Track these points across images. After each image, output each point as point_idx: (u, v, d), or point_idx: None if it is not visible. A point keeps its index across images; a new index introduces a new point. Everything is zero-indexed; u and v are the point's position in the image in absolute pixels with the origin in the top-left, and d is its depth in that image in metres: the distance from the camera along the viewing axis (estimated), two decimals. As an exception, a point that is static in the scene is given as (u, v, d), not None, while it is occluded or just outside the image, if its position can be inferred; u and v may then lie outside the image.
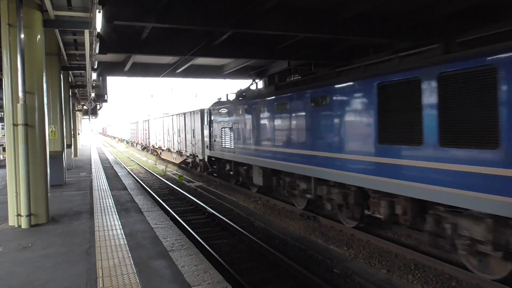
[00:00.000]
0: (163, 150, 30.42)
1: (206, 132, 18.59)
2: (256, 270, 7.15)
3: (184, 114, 23.41)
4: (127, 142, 57.74)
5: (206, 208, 11.81)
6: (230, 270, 6.79)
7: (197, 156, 20.91)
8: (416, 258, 7.37)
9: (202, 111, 19.91)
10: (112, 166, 20.33)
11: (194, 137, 21.12)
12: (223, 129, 16.15)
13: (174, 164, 27.11)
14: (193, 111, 21.58)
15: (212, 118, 17.68)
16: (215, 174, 18.54)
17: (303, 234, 9.33)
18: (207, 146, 18.30)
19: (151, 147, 36.23)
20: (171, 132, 27.05)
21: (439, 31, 12.90)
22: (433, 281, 6.47)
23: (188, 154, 22.73)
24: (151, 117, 39.87)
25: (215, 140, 17.20)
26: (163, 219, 7.95)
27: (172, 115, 27.03)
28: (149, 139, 37.41)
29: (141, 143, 42.74)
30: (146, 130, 38.54)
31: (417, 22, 13.12)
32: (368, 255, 7.75)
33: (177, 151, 25.36)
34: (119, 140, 71.93)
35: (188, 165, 23.65)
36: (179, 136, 24.47)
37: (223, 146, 16.10)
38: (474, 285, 6.25)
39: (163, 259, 5.44)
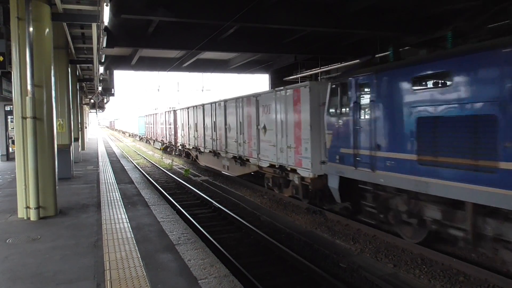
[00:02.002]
0: (201, 152, 20.97)
1: (338, 129, 9.25)
2: (262, 264, 7.17)
3: (257, 97, 13.82)
4: (140, 138, 50.06)
5: (212, 202, 11.85)
6: (237, 264, 6.81)
7: (293, 171, 11.55)
8: (423, 253, 7.34)
9: (311, 88, 10.50)
10: (119, 160, 20.45)
11: (284, 136, 11.81)
12: (416, 120, 7.11)
13: (224, 175, 18.45)
14: (290, 89, 11.57)
15: (361, 100, 8.57)
16: (364, 219, 9.26)
17: (309, 228, 9.33)
18: (340, 157, 9.10)
19: (179, 147, 26.94)
20: (221, 126, 17.52)
21: (447, 24, 12.76)
22: (440, 276, 6.44)
23: (265, 165, 13.30)
24: (179, 106, 30.48)
25: (378, 147, 7.93)
26: (170, 213, 7.99)
27: (225, 101, 17.16)
28: (175, 135, 27.48)
29: (162, 140, 32.82)
30: (170, 124, 28.73)
31: (426, 15, 13.00)
32: (375, 249, 7.73)
33: (234, 157, 16.10)
34: (129, 135, 64.06)
35: (266, 183, 13.73)
36: (241, 133, 15.15)
37: (417, 159, 7.08)
38: (482, 280, 6.22)
39: (170, 252, 5.47)
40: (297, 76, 20.41)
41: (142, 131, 47.24)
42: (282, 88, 12.13)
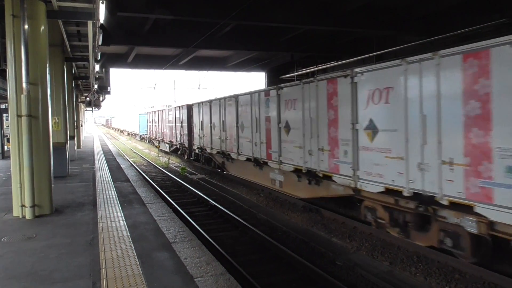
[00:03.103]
0: (231, 159, 15.84)
1: None
2: (259, 262, 7.18)
3: (353, 76, 8.43)
4: (142, 138, 45.14)
5: (208, 201, 11.84)
6: (233, 262, 6.82)
7: (455, 207, 6.50)
8: (419, 251, 7.36)
9: None
10: (115, 158, 20.42)
11: (433, 142, 6.71)
12: None
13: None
14: (456, 54, 6.33)
15: None
16: None
17: (305, 226, 9.35)
18: None
19: (195, 150, 21.50)
20: (270, 125, 12.15)
21: (444, 23, 12.81)
22: (436, 274, 6.47)
23: (372, 190, 8.14)
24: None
25: None
26: (166, 211, 7.98)
27: (279, 88, 11.62)
28: (190, 136, 22.44)
29: (170, 141, 27.92)
30: (182, 123, 23.62)
31: (422, 14, 13.03)
32: (371, 247, 7.76)
33: (297, 170, 10.85)
34: (128, 134, 58.87)
35: (370, 216, 8.62)
36: (314, 136, 9.91)
37: None
38: (477, 277, 6.25)
39: (166, 250, 5.47)
40: (294, 74, 20.42)
41: (143, 130, 42.43)
42: (429, 55, 6.70)
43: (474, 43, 6.20)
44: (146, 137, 40.92)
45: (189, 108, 22.36)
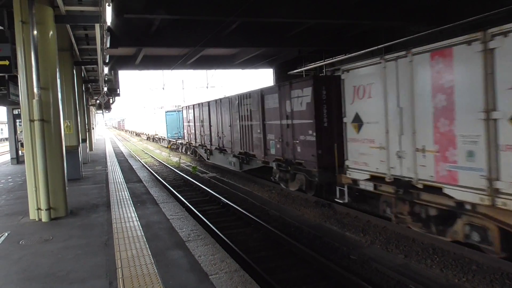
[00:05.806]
0: None
1: None
2: (272, 258, 7.18)
3: None
4: (171, 144, 32.20)
5: (220, 199, 11.88)
6: (247, 259, 6.84)
7: None
8: (435, 243, 7.30)
9: None
10: (127, 159, 20.59)
11: None
12: None
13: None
14: None
15: None
16: None
17: (318, 221, 9.32)
18: None
19: (368, 187, 8.32)
20: None
21: (453, 11, 12.61)
22: (452, 265, 6.41)
23: None
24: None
25: None
26: (179, 210, 8.03)
27: None
28: (324, 143, 10.25)
29: (246, 153, 15.16)
30: (287, 118, 11.62)
31: (430, 3, 12.84)
32: (385, 241, 7.71)
33: None
34: (148, 138, 47.55)
35: None
36: None
37: None
38: (496, 268, 6.17)
39: (180, 249, 5.51)
40: (302, 69, 20.33)
41: (174, 133, 31.71)
42: None
43: None
44: (181, 143, 28.82)
45: (320, 83, 10.40)
